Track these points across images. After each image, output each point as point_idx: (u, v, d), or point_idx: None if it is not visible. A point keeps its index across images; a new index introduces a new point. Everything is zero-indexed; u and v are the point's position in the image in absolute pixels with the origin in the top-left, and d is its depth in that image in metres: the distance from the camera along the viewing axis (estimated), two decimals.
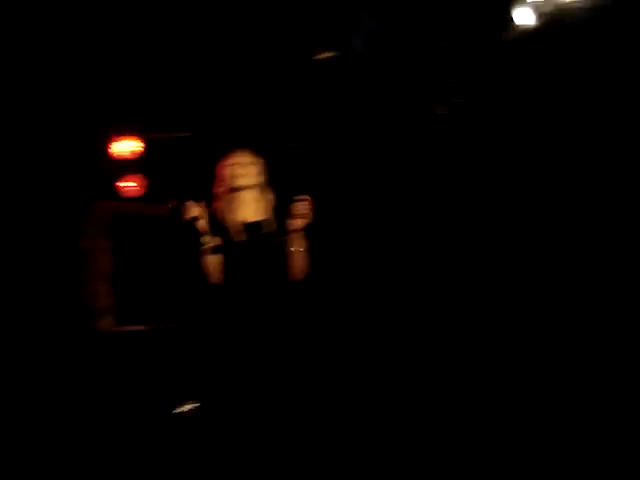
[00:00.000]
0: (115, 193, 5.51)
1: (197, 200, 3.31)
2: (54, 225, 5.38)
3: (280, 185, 3.63)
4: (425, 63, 5.49)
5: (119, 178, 5.49)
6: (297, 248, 3.34)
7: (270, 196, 3.40)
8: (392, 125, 5.75)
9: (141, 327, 5.53)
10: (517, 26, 5.18)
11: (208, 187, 3.43)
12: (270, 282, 3.32)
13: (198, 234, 3.23)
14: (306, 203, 3.32)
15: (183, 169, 5.58)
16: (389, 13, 5.35)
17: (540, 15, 5.14)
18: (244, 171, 3.38)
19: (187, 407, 4.98)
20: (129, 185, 5.50)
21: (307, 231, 3.38)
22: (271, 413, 3.23)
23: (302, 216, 3.32)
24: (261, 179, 3.39)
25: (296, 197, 3.32)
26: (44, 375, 5.06)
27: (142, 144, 5.51)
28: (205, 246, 3.21)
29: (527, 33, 5.20)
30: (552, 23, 5.13)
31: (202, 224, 3.26)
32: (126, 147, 5.47)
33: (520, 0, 5.17)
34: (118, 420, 5.00)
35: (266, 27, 5.48)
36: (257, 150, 3.57)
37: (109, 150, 5.49)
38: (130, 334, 5.47)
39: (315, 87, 5.59)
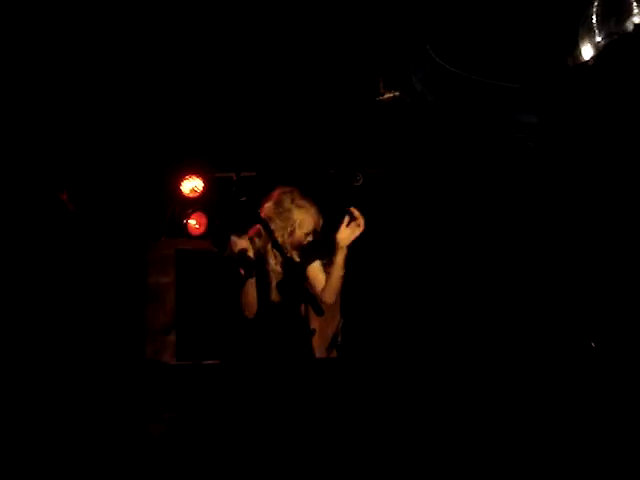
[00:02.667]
0: (180, 231, 5.63)
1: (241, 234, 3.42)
2: (121, 260, 5.54)
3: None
4: (491, 104, 5.44)
5: (184, 216, 5.60)
6: (338, 272, 3.43)
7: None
8: (457, 165, 5.72)
9: (202, 362, 5.62)
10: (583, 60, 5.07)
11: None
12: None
13: (246, 266, 3.29)
14: (358, 213, 3.43)
15: (248, 207, 5.66)
16: (452, 53, 5.33)
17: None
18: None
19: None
20: (193, 223, 5.61)
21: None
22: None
23: (356, 225, 3.41)
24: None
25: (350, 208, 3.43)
26: (101, 404, 5.19)
27: (207, 183, 5.61)
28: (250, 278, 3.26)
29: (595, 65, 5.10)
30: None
31: (249, 256, 3.34)
32: (191, 186, 5.57)
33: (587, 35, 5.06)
34: (173, 450, 5.09)
35: (330, 66, 5.53)
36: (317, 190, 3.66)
37: (176, 188, 5.60)
38: (190, 367, 5.56)
39: (378, 127, 5.61)
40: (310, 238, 3.62)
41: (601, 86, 5.05)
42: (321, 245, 3.66)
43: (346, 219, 3.53)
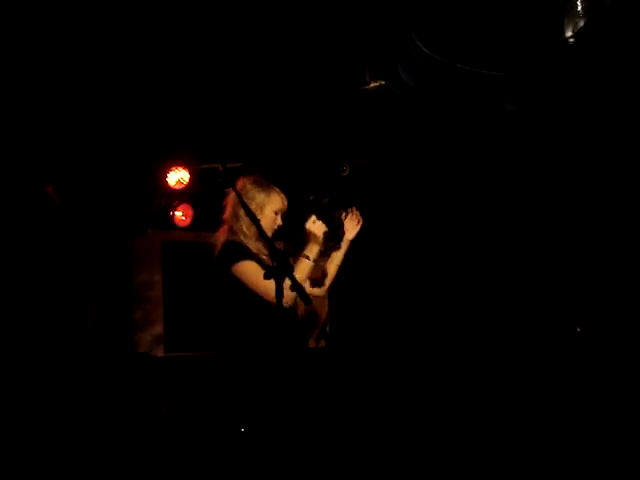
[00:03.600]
0: (166, 222, 5.61)
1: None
2: (107, 252, 5.50)
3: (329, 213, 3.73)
4: (476, 91, 5.44)
5: (170, 208, 5.58)
6: (336, 263, 3.54)
7: None
8: (441, 153, 5.73)
9: (191, 353, 5.61)
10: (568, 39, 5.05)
11: None
12: None
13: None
14: (357, 213, 3.63)
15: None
16: (437, 42, 5.32)
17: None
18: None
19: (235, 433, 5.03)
20: (180, 215, 5.59)
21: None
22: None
23: (356, 224, 3.52)
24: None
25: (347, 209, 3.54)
26: (95, 400, 5.17)
27: (193, 174, 5.58)
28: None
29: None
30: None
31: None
32: (177, 177, 5.54)
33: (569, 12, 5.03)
34: (165, 443, 5.08)
35: (315, 56, 5.51)
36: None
37: (162, 180, 5.57)
38: (180, 360, 5.55)
39: (364, 117, 5.60)
40: (279, 221, 3.68)
41: (583, 63, 5.05)
42: (299, 235, 3.71)
43: (349, 215, 3.79)
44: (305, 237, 3.60)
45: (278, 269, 3.02)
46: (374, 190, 5.73)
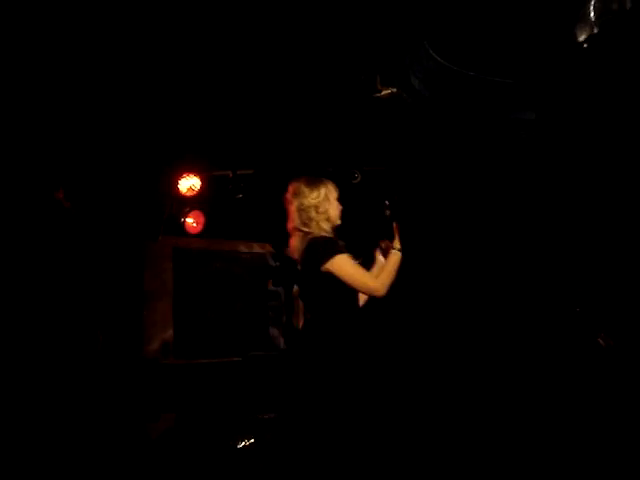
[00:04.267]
0: (179, 229, 5.61)
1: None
2: (118, 258, 5.51)
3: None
4: (488, 99, 5.43)
5: (182, 214, 5.58)
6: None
7: None
8: (454, 161, 5.71)
9: (202, 360, 5.60)
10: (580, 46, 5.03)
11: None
12: None
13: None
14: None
15: (245, 206, 5.65)
16: (449, 50, 5.31)
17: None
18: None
19: (247, 442, 5.03)
20: (191, 221, 5.59)
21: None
22: None
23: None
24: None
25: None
26: (104, 406, 5.17)
27: (204, 181, 5.58)
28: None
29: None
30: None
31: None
32: (189, 184, 5.55)
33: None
34: (173, 449, 5.07)
35: (327, 63, 5.51)
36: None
37: (173, 187, 5.57)
38: (191, 367, 5.54)
39: (376, 124, 5.59)
40: (340, 206, 3.73)
41: (598, 68, 5.01)
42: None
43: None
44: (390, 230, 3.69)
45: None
46: (385, 197, 5.71)
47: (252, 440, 5.00)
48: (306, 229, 3.55)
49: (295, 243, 3.59)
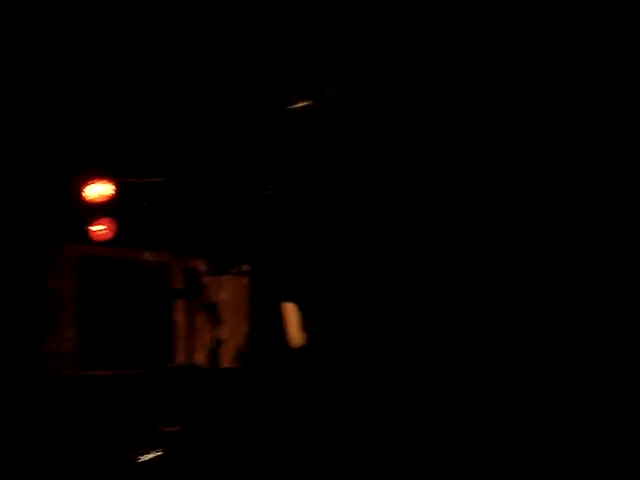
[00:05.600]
0: (85, 236, 5.46)
1: None
2: (21, 266, 5.33)
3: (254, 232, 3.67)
4: (397, 114, 5.52)
5: (89, 221, 5.44)
6: None
7: None
8: (364, 173, 5.77)
9: (105, 372, 5.46)
10: None
11: None
12: None
13: None
14: None
15: (153, 213, 5.57)
16: (363, 62, 5.40)
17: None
18: None
19: (150, 455, 4.92)
20: (99, 229, 5.45)
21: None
22: None
23: None
24: None
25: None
26: (6, 419, 4.96)
27: (113, 188, 5.46)
28: None
29: None
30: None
31: None
32: (97, 191, 5.42)
33: None
34: (79, 465, 4.91)
35: (241, 76, 5.52)
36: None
37: (81, 193, 5.44)
38: (93, 379, 5.39)
39: (289, 136, 5.62)
40: None
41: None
42: None
43: None
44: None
45: None
46: (298, 210, 5.71)
47: (156, 453, 4.90)
48: None
49: None
